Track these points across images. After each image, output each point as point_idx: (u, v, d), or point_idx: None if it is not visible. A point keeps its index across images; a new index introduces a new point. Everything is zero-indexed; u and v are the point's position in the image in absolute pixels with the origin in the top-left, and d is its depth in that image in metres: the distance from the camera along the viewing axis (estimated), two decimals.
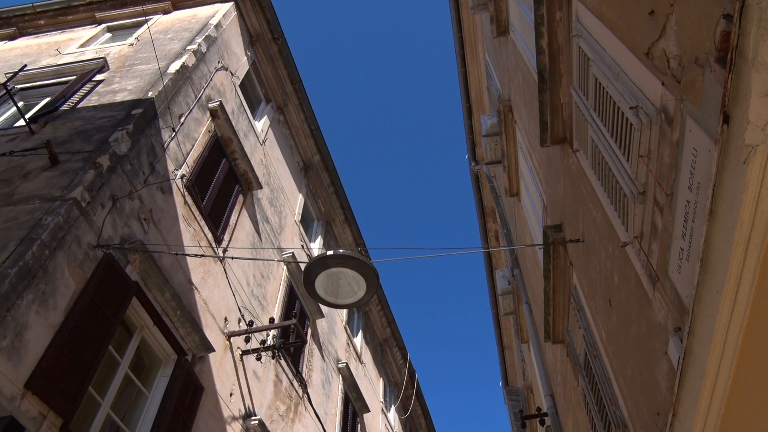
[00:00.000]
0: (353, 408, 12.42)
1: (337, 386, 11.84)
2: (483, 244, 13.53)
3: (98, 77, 8.54)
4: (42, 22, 12.02)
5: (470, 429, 52.18)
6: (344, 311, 13.54)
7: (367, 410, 13.08)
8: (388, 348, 16.73)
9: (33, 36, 11.76)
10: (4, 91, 7.96)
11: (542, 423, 7.76)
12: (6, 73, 9.13)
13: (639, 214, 3.21)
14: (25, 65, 8.98)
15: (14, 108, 8.16)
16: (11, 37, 11.94)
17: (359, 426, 12.55)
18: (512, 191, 8.62)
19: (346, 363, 12.32)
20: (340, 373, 12.17)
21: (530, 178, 7.22)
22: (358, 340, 14.51)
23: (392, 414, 15.97)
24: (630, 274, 3.52)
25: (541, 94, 4.89)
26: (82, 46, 10.41)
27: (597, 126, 3.75)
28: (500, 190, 10.30)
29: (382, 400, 15.19)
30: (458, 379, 53.71)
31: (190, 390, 6.57)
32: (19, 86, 8.80)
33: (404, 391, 17.01)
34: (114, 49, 9.73)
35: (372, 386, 14.62)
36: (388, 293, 18.98)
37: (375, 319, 16.09)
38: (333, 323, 12.55)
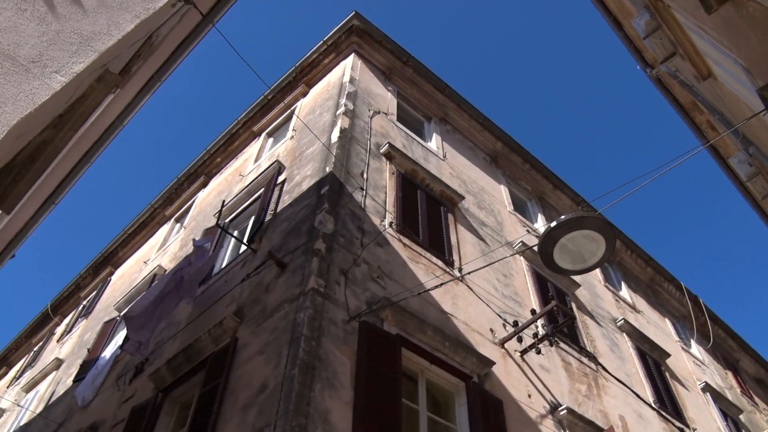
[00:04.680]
0: (652, 359, 11.79)
1: (626, 345, 11.35)
2: (701, 140, 12.37)
3: (280, 179, 9.28)
4: (219, 159, 13.45)
5: None
6: (598, 272, 13.02)
7: (668, 355, 12.34)
8: (658, 286, 15.78)
9: (218, 174, 13.16)
10: (220, 230, 8.92)
11: None
12: (214, 215, 10.25)
13: None
14: (224, 201, 10.04)
15: (233, 240, 9.13)
16: (204, 185, 13.49)
17: (667, 374, 11.86)
18: (703, 75, 7.83)
19: (624, 319, 11.80)
20: (623, 331, 11.67)
21: (715, 51, 6.51)
22: (625, 292, 13.85)
23: (694, 348, 14.91)
24: None
25: None
26: (256, 160, 11.43)
27: None
28: (690, 80, 9.41)
29: (677, 339, 14.27)
30: (746, 286, 49.12)
31: (490, 408, 6.68)
32: (227, 220, 9.83)
33: (696, 321, 15.84)
34: (280, 149, 10.53)
35: (660, 330, 13.80)
36: (630, 234, 17.94)
37: (631, 265, 15.31)
38: (593, 287, 12.13)
